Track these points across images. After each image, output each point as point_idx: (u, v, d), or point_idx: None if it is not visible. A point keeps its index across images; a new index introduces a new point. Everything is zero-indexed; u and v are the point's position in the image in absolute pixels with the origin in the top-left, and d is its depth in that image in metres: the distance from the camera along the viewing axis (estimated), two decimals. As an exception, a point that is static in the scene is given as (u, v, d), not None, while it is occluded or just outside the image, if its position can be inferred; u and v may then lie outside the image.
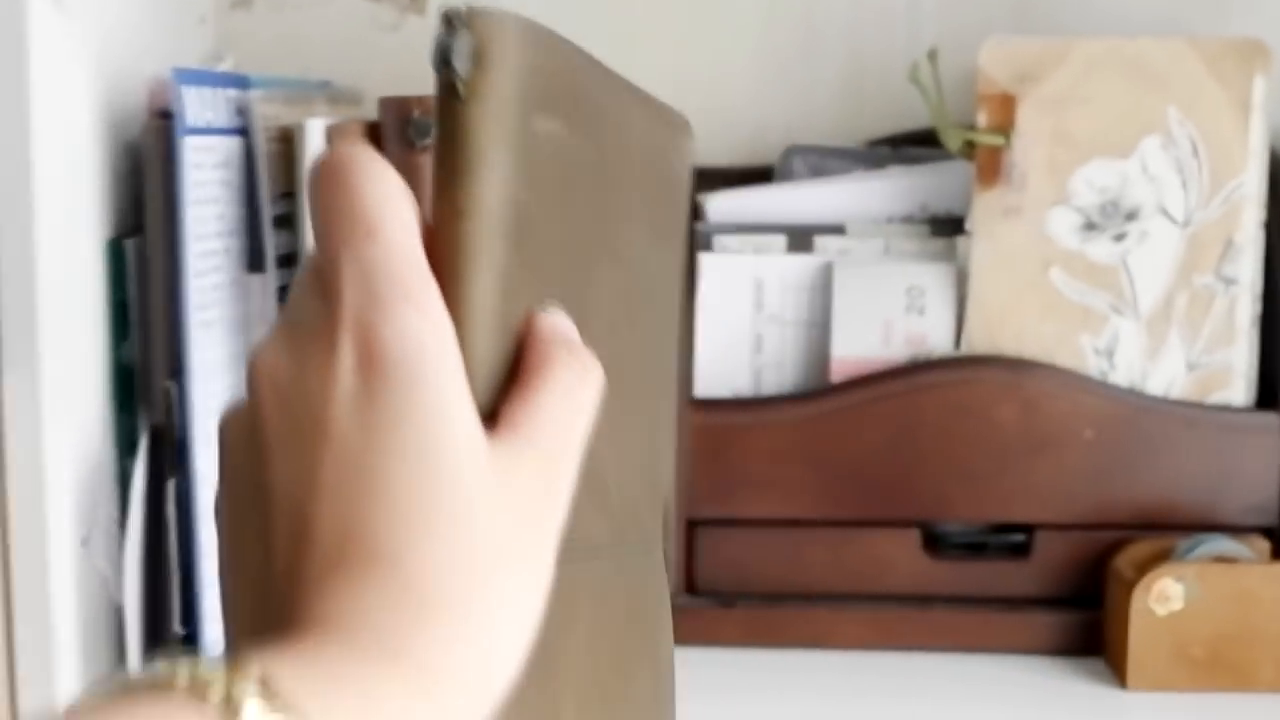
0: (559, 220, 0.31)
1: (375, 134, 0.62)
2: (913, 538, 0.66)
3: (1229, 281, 0.65)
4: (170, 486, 0.61)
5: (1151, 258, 0.65)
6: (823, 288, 0.68)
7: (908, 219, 0.70)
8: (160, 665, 0.25)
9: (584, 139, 0.32)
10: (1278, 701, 0.60)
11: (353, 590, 0.28)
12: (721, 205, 0.70)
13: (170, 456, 0.62)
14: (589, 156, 0.32)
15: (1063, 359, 0.65)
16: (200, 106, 0.61)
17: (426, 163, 0.34)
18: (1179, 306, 0.65)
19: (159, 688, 0.25)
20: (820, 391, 0.66)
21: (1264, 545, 0.64)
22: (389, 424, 0.28)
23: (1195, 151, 0.65)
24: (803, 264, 0.68)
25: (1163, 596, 0.60)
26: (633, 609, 0.36)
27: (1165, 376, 0.66)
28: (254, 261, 0.65)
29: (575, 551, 0.30)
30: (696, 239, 0.68)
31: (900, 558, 0.66)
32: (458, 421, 0.29)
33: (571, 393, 0.30)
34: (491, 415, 0.30)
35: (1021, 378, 0.65)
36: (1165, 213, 0.65)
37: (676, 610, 0.66)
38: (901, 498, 0.65)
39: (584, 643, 0.32)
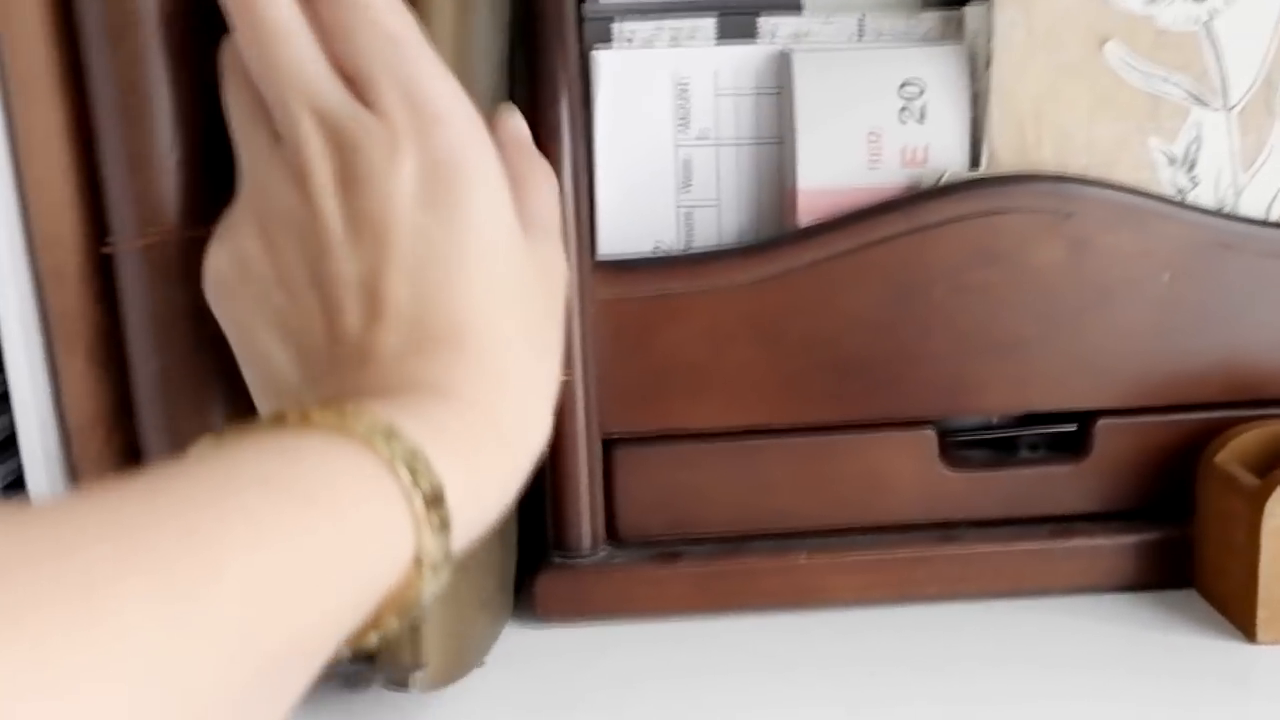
0: None
1: None
2: (923, 443, 0.46)
3: (1354, 49, 0.45)
4: None
5: (1248, 20, 0.45)
6: (777, 90, 0.47)
7: (889, -15, 0.49)
8: (281, 414, 0.29)
9: None
10: None
11: (443, 364, 0.32)
12: (619, -20, 0.48)
13: None
14: None
15: (1125, 173, 0.46)
16: None
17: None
18: (1286, 88, 0.46)
19: (296, 424, 0.28)
20: (781, 241, 0.45)
21: None
22: (456, 222, 0.33)
23: None
24: (745, 57, 0.47)
25: (1307, 509, 0.41)
26: None
27: (1267, 191, 0.46)
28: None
29: None
30: (585, 29, 0.47)
31: (906, 472, 0.46)
32: (507, 219, 0.35)
33: (551, 190, 0.39)
34: None
35: (1068, 203, 0.45)
36: (1267, -49, 0.45)
37: (595, 569, 0.45)
38: (904, 387, 0.46)
39: None
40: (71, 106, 0.40)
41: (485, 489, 0.31)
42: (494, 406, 0.32)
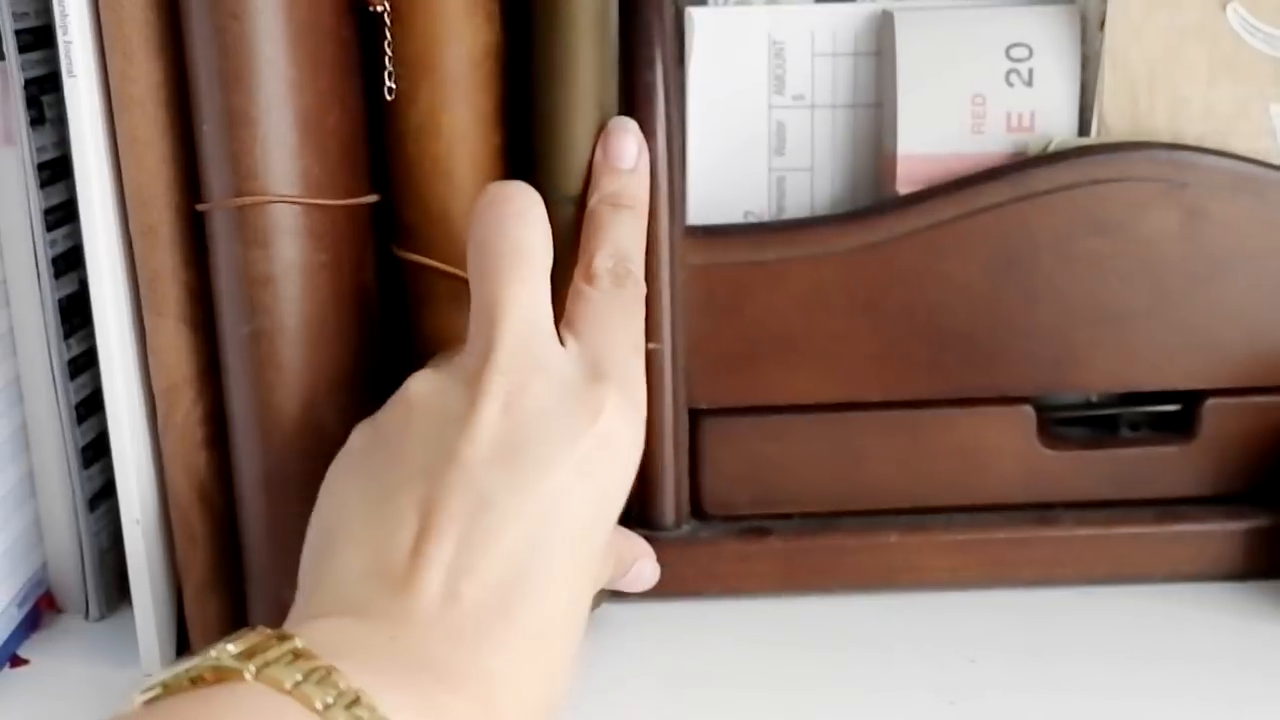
0: None
1: None
2: (1021, 419, 0.44)
3: None
4: None
5: (1380, -20, 0.43)
6: (878, 52, 0.45)
7: (996, -57, 0.47)
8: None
9: None
10: None
11: (520, 660, 0.31)
12: (713, -65, 0.46)
13: None
14: None
15: (1243, 141, 0.43)
16: None
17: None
18: None
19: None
20: (882, 208, 0.43)
21: None
22: (595, 497, 0.34)
23: None
24: (844, 16, 0.45)
25: None
26: None
27: (1394, 162, 0.44)
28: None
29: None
30: (680, -13, 0.45)
31: (1004, 450, 0.45)
32: (616, 518, 0.35)
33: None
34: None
35: (1182, 172, 0.43)
36: (1403, -93, 0.42)
37: (680, 544, 0.44)
38: (1005, 361, 0.44)
39: None
40: (169, 65, 0.39)
41: None
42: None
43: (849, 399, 0.44)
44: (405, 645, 0.30)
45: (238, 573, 0.42)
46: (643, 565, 0.42)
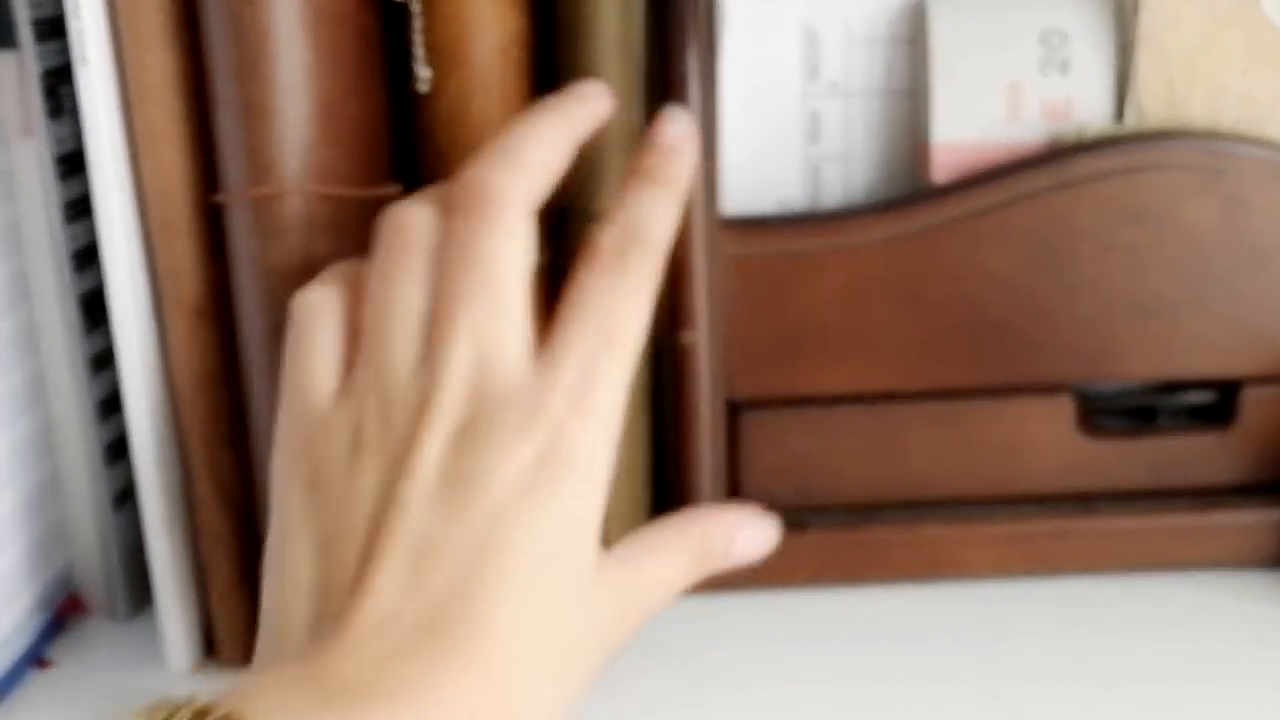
0: None
1: None
2: (1062, 409, 0.44)
3: None
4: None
5: None
6: (912, 39, 0.45)
7: (1028, -70, 0.46)
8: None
9: None
10: None
11: (449, 675, 0.29)
12: (742, -77, 0.46)
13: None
14: None
15: (1279, 130, 0.43)
16: None
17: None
18: None
19: None
20: (920, 197, 0.43)
21: None
22: (543, 516, 0.31)
23: None
24: (878, 3, 0.45)
25: None
26: None
27: None
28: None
29: None
30: (710, -26, 0.44)
31: (1044, 440, 0.44)
32: (590, 539, 0.32)
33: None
34: None
35: (1220, 161, 0.43)
36: None
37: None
38: (1045, 351, 0.43)
39: None
40: (184, 55, 0.38)
41: None
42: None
43: (889, 390, 0.43)
44: (331, 674, 0.29)
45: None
46: (747, 536, 0.37)
